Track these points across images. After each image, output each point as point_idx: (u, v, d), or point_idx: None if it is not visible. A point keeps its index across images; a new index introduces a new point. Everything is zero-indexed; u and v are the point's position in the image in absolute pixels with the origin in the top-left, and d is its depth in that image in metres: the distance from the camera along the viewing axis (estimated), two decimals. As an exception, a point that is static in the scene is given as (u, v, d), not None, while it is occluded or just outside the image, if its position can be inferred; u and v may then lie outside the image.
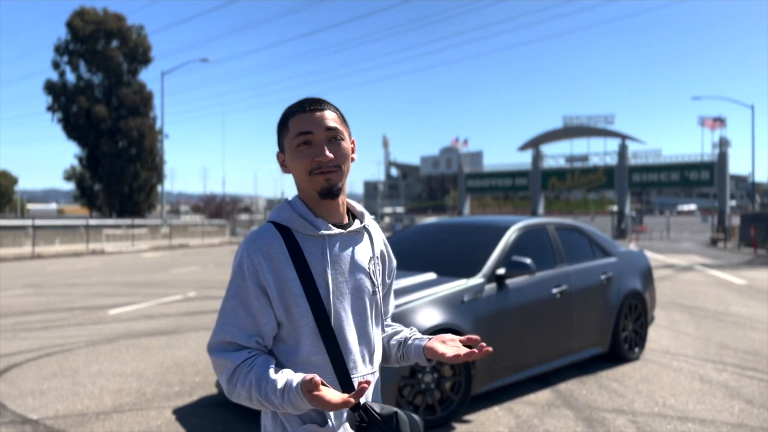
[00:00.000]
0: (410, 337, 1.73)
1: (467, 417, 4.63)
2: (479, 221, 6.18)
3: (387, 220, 71.09)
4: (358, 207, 1.71)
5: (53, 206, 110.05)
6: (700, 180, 43.19)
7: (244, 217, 63.87)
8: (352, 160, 1.63)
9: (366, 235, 1.66)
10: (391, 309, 1.82)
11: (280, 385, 1.41)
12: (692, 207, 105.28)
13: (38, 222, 27.89)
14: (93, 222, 31.71)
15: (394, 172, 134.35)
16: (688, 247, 30.14)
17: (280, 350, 1.55)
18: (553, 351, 5.47)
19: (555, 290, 5.44)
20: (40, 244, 26.33)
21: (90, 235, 29.21)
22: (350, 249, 1.60)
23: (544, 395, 5.18)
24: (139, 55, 47.45)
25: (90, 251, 27.39)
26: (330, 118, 1.56)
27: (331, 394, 1.35)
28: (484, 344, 1.48)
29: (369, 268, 1.62)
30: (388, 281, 1.76)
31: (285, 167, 1.63)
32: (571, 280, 5.68)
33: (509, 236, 5.47)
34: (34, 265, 20.26)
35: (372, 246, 1.67)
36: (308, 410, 1.47)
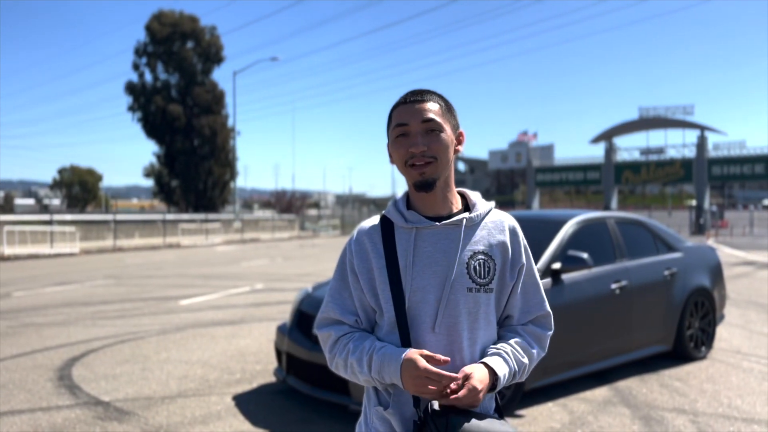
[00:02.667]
0: (498, 350, 1.59)
1: (520, 412, 4.60)
2: (536, 215, 6.10)
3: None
4: (474, 198, 1.67)
5: (134, 202, 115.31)
6: (788, 172, 40.73)
7: (312, 212, 65.03)
8: (457, 152, 1.62)
9: (471, 229, 1.59)
10: (513, 312, 1.67)
11: (378, 347, 1.53)
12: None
13: (119, 217, 29.38)
14: (170, 217, 33.08)
15: (461, 166, 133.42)
16: (772, 243, 28.50)
17: (376, 331, 1.66)
18: (611, 348, 5.35)
19: (614, 286, 5.32)
20: (121, 238, 27.70)
21: (167, 230, 30.49)
22: (445, 242, 1.56)
23: (601, 392, 5.07)
24: (212, 55, 49.04)
25: (167, 245, 28.60)
26: (429, 110, 1.56)
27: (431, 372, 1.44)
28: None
29: (468, 263, 1.56)
30: (509, 282, 1.64)
31: (391, 158, 1.64)
32: (632, 275, 5.52)
33: (566, 230, 5.37)
34: (115, 258, 21.36)
35: (480, 240, 1.60)
36: (387, 384, 1.53)
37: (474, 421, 1.44)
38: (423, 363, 1.44)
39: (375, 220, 1.65)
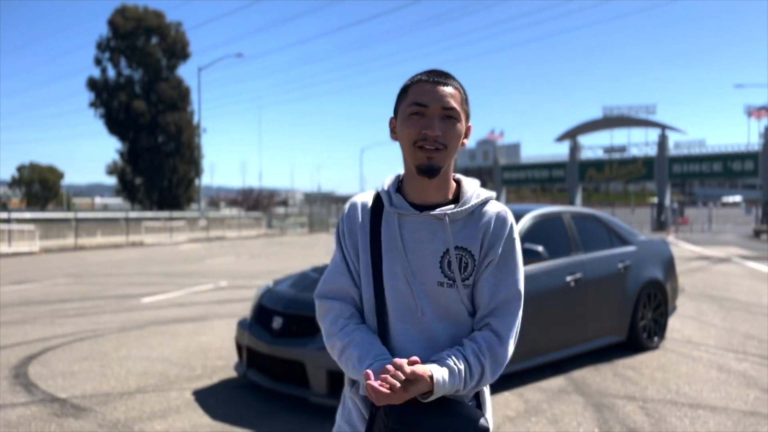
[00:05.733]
0: (449, 356, 1.48)
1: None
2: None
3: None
4: (467, 188, 1.60)
5: (98, 200, 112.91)
6: (744, 170, 41.94)
7: (280, 210, 64.63)
8: (463, 144, 1.57)
9: (454, 222, 1.53)
10: (479, 302, 1.55)
11: (363, 361, 1.48)
12: (737, 198, 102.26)
13: (80, 215, 28.81)
14: (133, 215, 32.56)
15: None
16: (728, 239, 29.37)
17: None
18: (566, 339, 5.49)
19: (569, 278, 5.45)
20: (83, 236, 27.17)
21: (130, 228, 30.00)
22: (424, 233, 1.52)
23: (556, 382, 5.20)
24: (178, 51, 48.35)
25: (130, 243, 28.15)
26: (450, 95, 1.51)
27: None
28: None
29: (443, 258, 1.51)
30: (480, 276, 1.54)
31: (394, 134, 1.59)
32: (586, 268, 5.67)
33: (523, 224, 5.49)
34: (76, 256, 20.96)
35: (460, 233, 1.53)
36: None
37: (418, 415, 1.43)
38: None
39: (369, 196, 1.64)
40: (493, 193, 1.60)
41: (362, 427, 1.56)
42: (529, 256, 5.08)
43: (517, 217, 5.59)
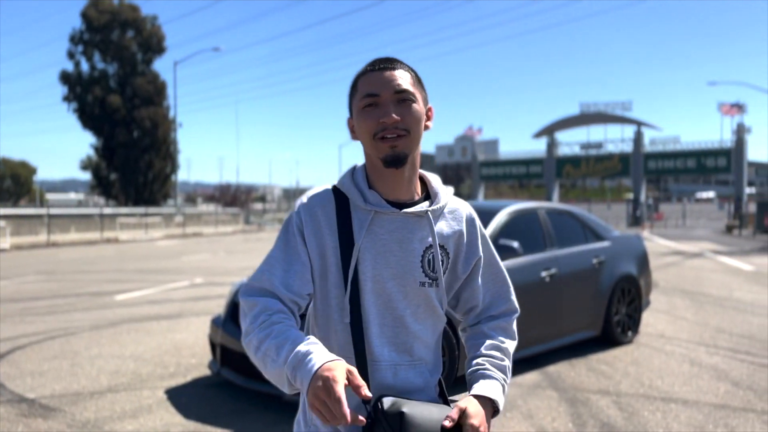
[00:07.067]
0: (478, 369, 1.52)
1: (451, 397, 4.67)
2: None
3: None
4: (435, 184, 1.54)
5: (71, 196, 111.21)
6: (717, 167, 42.63)
7: (258, 206, 64.23)
8: (426, 128, 1.48)
9: (431, 220, 1.47)
10: (475, 303, 1.58)
11: (300, 349, 1.28)
12: (711, 194, 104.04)
13: (53, 211, 28.30)
14: (107, 211, 32.12)
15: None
16: (702, 234, 29.85)
17: (311, 318, 1.52)
18: (541, 334, 5.51)
19: (544, 273, 5.47)
20: (56, 233, 26.72)
21: (104, 224, 29.60)
22: (403, 231, 1.44)
23: (531, 377, 5.22)
24: (153, 45, 47.68)
25: (104, 239, 27.76)
26: (401, 77, 1.42)
27: (339, 402, 1.16)
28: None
29: (423, 256, 1.45)
30: (461, 275, 1.55)
31: (354, 133, 1.49)
32: (561, 263, 5.70)
33: (498, 220, 5.50)
34: (49, 253, 20.60)
35: (439, 231, 1.48)
36: (296, 386, 1.28)
37: (427, 414, 1.34)
38: (339, 391, 1.16)
39: (324, 192, 1.48)
40: (452, 189, 1.57)
41: None
42: (505, 252, 5.09)
43: (493, 212, 5.60)
